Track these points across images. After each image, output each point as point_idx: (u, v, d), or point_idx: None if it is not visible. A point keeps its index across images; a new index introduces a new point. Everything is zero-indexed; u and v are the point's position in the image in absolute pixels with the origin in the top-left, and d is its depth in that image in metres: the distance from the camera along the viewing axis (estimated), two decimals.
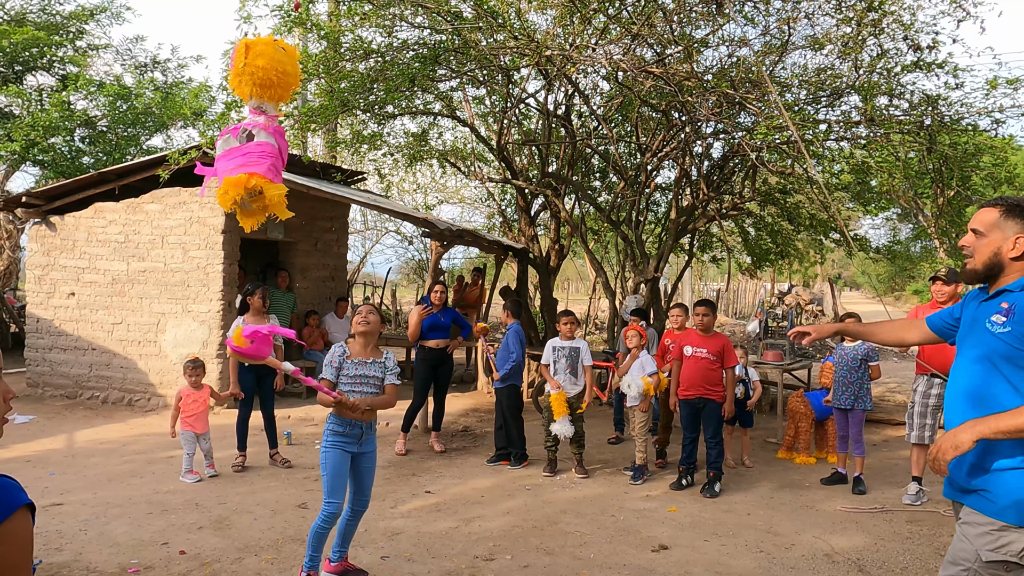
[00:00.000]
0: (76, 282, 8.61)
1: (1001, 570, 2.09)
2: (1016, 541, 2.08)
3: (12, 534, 1.21)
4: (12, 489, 1.26)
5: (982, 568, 2.11)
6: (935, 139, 7.28)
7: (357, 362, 3.74)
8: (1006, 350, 2.11)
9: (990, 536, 2.11)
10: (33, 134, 12.15)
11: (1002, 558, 2.08)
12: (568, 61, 6.50)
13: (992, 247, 2.20)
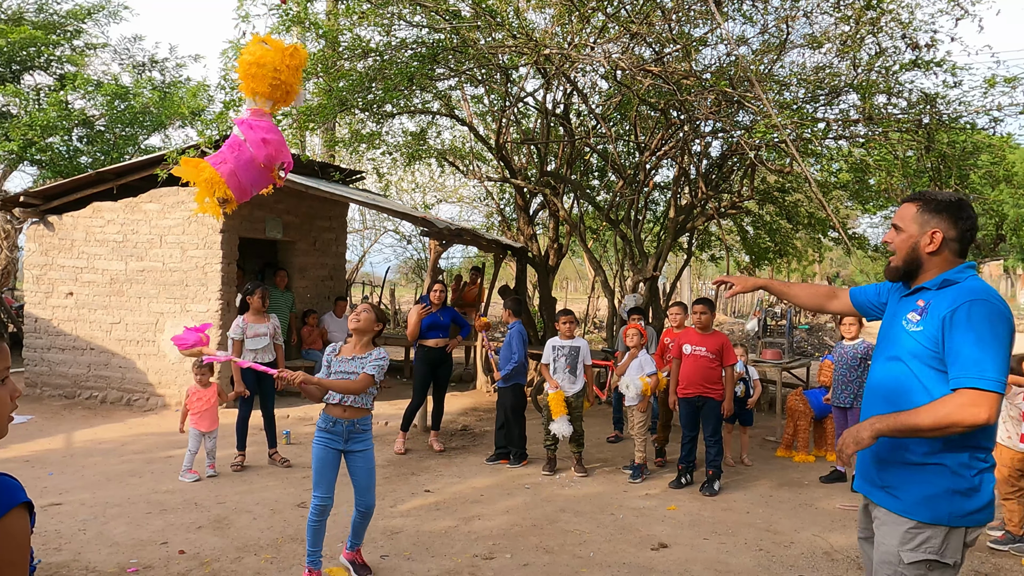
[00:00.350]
0: (74, 282, 8.60)
1: (924, 569, 2.07)
2: (933, 537, 2.06)
3: (8, 532, 1.21)
4: (10, 488, 1.26)
5: (906, 570, 2.08)
6: (933, 137, 7.29)
7: (342, 359, 3.77)
8: (918, 349, 2.09)
9: (907, 536, 2.09)
10: (31, 133, 12.13)
11: (923, 557, 2.06)
12: (567, 60, 6.50)
13: (911, 242, 2.17)
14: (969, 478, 2.05)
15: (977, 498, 2.05)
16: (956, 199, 2.14)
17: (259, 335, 5.88)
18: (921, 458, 2.08)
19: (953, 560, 2.05)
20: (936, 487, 2.05)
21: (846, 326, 5.79)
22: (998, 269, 27.83)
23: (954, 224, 2.12)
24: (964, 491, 2.04)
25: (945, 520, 2.04)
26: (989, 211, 17.82)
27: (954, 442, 2.03)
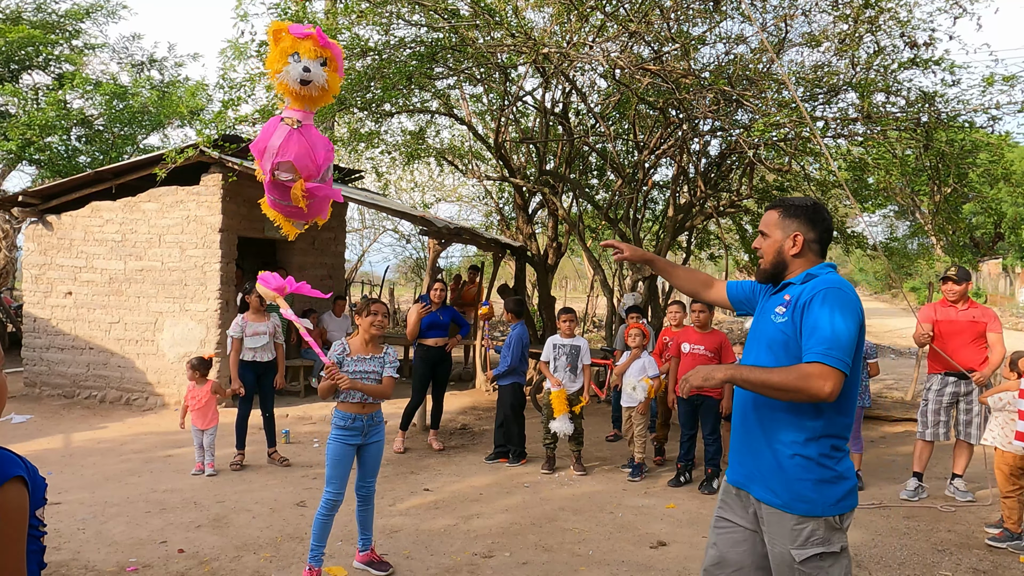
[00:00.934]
0: (73, 281, 8.59)
1: (818, 561, 2.13)
2: (817, 529, 2.13)
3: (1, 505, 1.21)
4: (3, 460, 1.26)
5: (803, 567, 2.13)
6: (932, 136, 7.30)
7: (357, 359, 3.80)
8: (783, 338, 2.20)
9: (793, 533, 2.15)
10: (29, 133, 12.12)
11: (813, 551, 2.12)
12: (565, 59, 6.51)
13: (776, 246, 2.29)
14: (832, 467, 2.15)
15: (843, 484, 2.16)
16: (812, 203, 2.30)
17: (258, 334, 5.88)
18: (789, 448, 2.17)
19: (840, 546, 2.15)
20: (806, 480, 2.14)
21: None
22: (996, 267, 27.86)
23: (812, 227, 2.27)
24: (830, 480, 2.14)
25: (819, 511, 2.13)
26: (987, 209, 17.82)
27: (815, 435, 2.14)
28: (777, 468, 2.18)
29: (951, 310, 5.26)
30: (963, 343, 5.17)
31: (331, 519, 3.73)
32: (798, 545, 2.13)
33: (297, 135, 2.91)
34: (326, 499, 3.71)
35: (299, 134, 2.91)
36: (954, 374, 5.20)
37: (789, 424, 2.17)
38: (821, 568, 2.12)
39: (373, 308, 3.89)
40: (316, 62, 2.85)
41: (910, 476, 5.41)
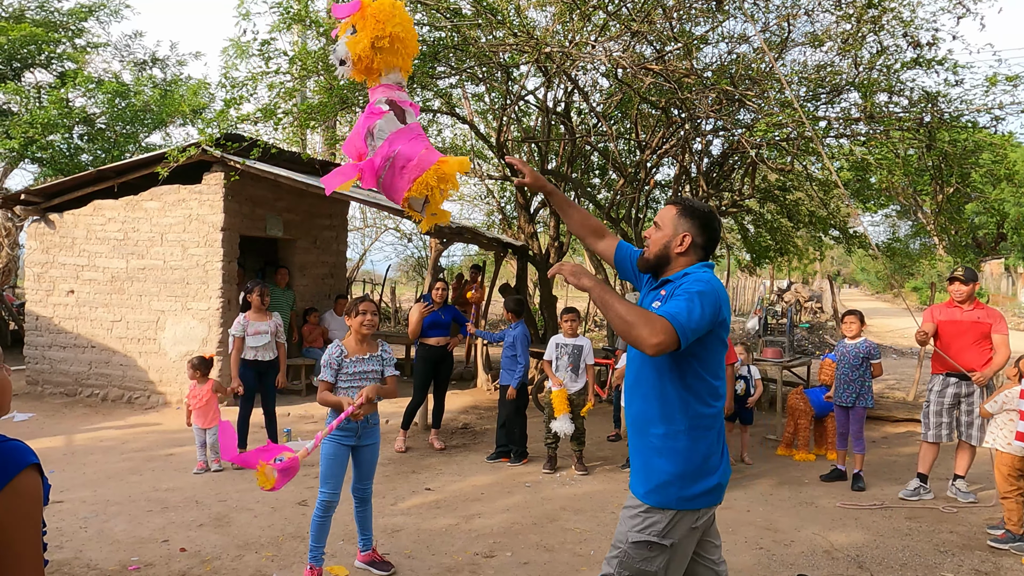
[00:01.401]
0: (75, 280, 8.60)
1: (645, 550, 2.24)
2: (659, 521, 2.24)
3: (19, 493, 1.28)
4: (18, 450, 1.32)
5: (630, 548, 2.26)
6: (934, 136, 7.28)
7: (355, 360, 3.78)
8: None
9: (638, 518, 2.27)
10: (32, 131, 12.13)
11: (646, 538, 2.24)
12: (568, 58, 6.50)
13: (664, 240, 2.38)
14: (697, 463, 2.25)
15: (704, 481, 2.25)
16: (709, 211, 2.41)
17: (260, 332, 5.88)
18: (659, 441, 2.27)
19: (671, 542, 2.24)
20: (667, 473, 2.24)
21: (847, 324, 5.78)
22: (999, 268, 27.80)
23: (702, 232, 2.36)
24: (692, 475, 2.24)
25: (674, 504, 2.23)
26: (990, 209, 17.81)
27: (685, 427, 2.25)
28: (646, 459, 2.30)
29: (956, 311, 5.25)
30: (967, 344, 5.16)
31: (328, 520, 3.72)
32: (637, 529, 2.25)
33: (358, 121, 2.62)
34: (321, 500, 3.70)
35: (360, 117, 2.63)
36: (955, 375, 5.19)
37: (658, 417, 2.27)
38: (646, 557, 2.23)
39: (361, 307, 3.82)
40: (343, 37, 2.56)
41: (913, 476, 5.40)
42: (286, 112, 7.20)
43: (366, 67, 2.55)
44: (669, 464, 2.24)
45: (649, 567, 2.23)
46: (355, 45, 2.51)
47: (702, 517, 2.27)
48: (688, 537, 2.27)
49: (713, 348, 2.28)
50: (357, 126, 2.59)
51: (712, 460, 2.28)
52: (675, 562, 2.26)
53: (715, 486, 2.28)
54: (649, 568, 2.23)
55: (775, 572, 3.95)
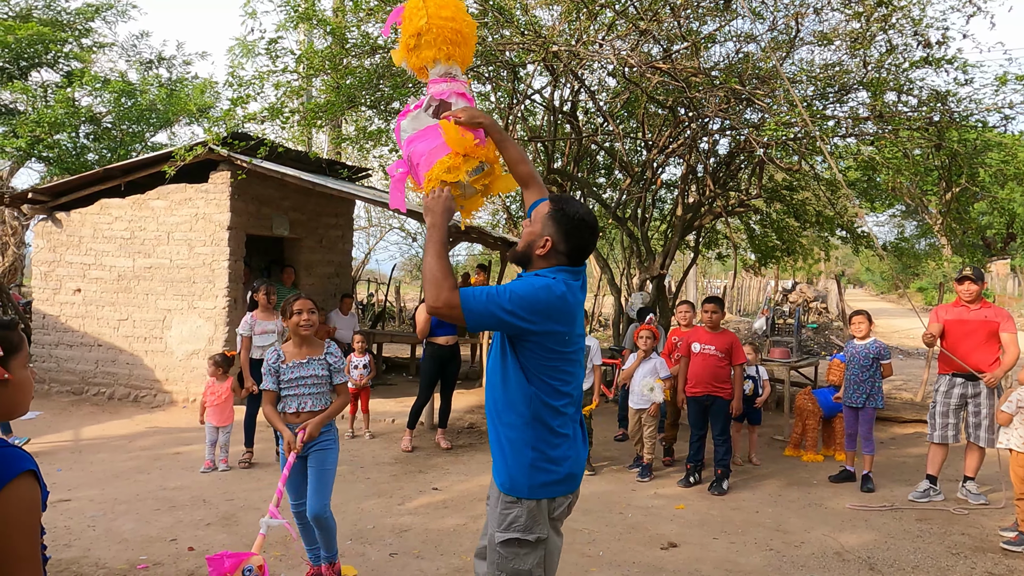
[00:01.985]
0: (82, 278, 8.62)
1: (515, 547, 2.22)
2: (520, 516, 2.22)
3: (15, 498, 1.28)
4: (15, 457, 1.32)
5: (501, 548, 2.24)
6: (944, 135, 7.24)
7: (293, 365, 3.46)
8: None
9: (502, 516, 2.25)
10: (38, 130, 12.16)
11: (510, 536, 2.22)
12: (575, 57, 6.47)
13: (530, 238, 2.30)
14: (545, 452, 2.22)
15: (556, 471, 2.23)
16: (579, 218, 2.25)
17: (267, 332, 5.88)
18: (508, 431, 2.25)
19: (536, 536, 2.22)
20: (519, 462, 2.23)
21: (856, 325, 5.75)
22: (1005, 268, 27.69)
23: (565, 240, 2.25)
24: (542, 464, 2.22)
25: (525, 493, 2.22)
26: (999, 209, 17.70)
27: (531, 418, 2.22)
28: (499, 448, 2.28)
29: (963, 310, 5.21)
30: (975, 344, 5.12)
31: (306, 526, 3.56)
32: (502, 529, 2.24)
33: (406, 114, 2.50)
34: (290, 509, 3.59)
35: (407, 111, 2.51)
36: (962, 375, 5.15)
37: (507, 407, 2.25)
38: (517, 555, 2.22)
39: (296, 306, 3.46)
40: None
41: (923, 478, 5.37)
42: (293, 111, 7.19)
43: (416, 69, 2.47)
44: (517, 453, 2.23)
45: (523, 565, 2.22)
46: (397, 56, 2.48)
47: (559, 507, 2.27)
48: (552, 528, 2.28)
49: (540, 357, 2.19)
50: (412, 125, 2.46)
51: (559, 451, 2.24)
52: (549, 556, 2.27)
53: (566, 476, 2.26)
54: (523, 566, 2.22)
55: (786, 574, 3.93)
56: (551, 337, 2.19)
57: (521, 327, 2.14)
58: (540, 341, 2.18)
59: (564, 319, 2.20)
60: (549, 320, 2.16)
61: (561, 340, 2.21)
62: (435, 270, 2.11)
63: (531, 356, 2.20)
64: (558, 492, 2.26)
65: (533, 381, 2.21)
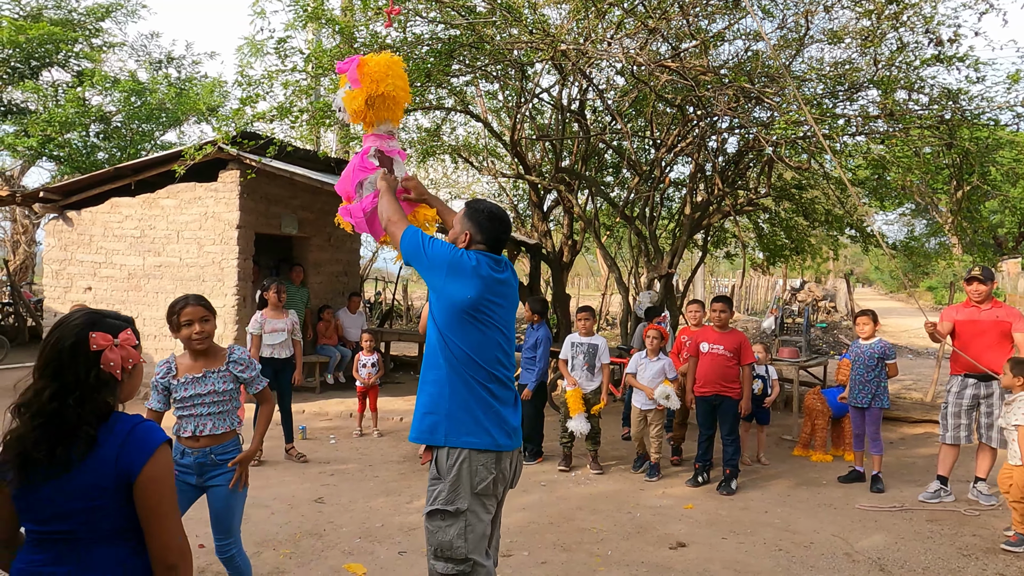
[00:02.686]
0: (93, 276, 8.68)
1: (438, 519, 2.43)
2: (442, 490, 2.43)
3: (159, 464, 1.61)
4: (155, 430, 1.66)
5: (426, 523, 2.46)
6: (955, 134, 7.19)
7: (186, 380, 2.92)
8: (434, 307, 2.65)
9: (428, 491, 2.48)
10: (49, 130, 12.25)
11: (433, 508, 2.44)
12: (583, 55, 6.46)
13: (453, 237, 2.68)
14: (462, 406, 2.46)
15: (474, 428, 2.46)
16: (488, 211, 2.66)
17: (277, 330, 5.90)
18: (429, 387, 2.54)
19: (456, 508, 2.42)
20: (436, 414, 2.49)
21: (860, 325, 5.71)
22: (1016, 267, 27.46)
23: (480, 231, 2.62)
24: (458, 418, 2.45)
25: (441, 440, 2.45)
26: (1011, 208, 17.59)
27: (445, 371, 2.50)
28: (417, 404, 2.57)
29: (974, 310, 5.18)
30: (987, 344, 5.09)
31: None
32: (428, 503, 2.46)
33: (349, 164, 2.98)
34: None
35: (352, 161, 2.99)
36: (975, 376, 5.12)
37: (427, 364, 2.58)
38: (440, 527, 2.43)
39: (185, 315, 2.87)
40: (341, 89, 2.90)
41: (933, 479, 5.34)
42: (302, 110, 7.21)
43: (362, 119, 2.89)
44: (435, 406, 2.49)
45: (445, 536, 2.41)
46: (351, 101, 2.83)
47: (481, 481, 2.43)
48: (474, 502, 2.44)
49: (463, 331, 2.50)
50: (348, 171, 2.93)
51: (483, 419, 2.47)
52: (473, 529, 2.43)
53: (488, 442, 2.45)
54: (446, 537, 2.41)
55: (795, 574, 3.91)
56: (473, 305, 2.48)
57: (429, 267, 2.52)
58: (463, 313, 2.49)
59: (487, 294, 2.51)
60: (476, 288, 2.48)
61: (483, 312, 2.50)
62: (395, 209, 2.69)
63: (456, 334, 2.50)
64: (478, 445, 2.46)
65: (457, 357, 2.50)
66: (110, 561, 1.58)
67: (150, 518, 1.59)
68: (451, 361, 2.48)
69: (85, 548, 1.57)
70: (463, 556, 2.39)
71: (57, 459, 1.54)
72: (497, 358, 2.54)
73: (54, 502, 1.55)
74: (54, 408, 1.56)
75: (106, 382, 1.63)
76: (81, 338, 1.61)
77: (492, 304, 2.53)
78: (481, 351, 2.49)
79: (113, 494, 1.57)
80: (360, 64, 2.81)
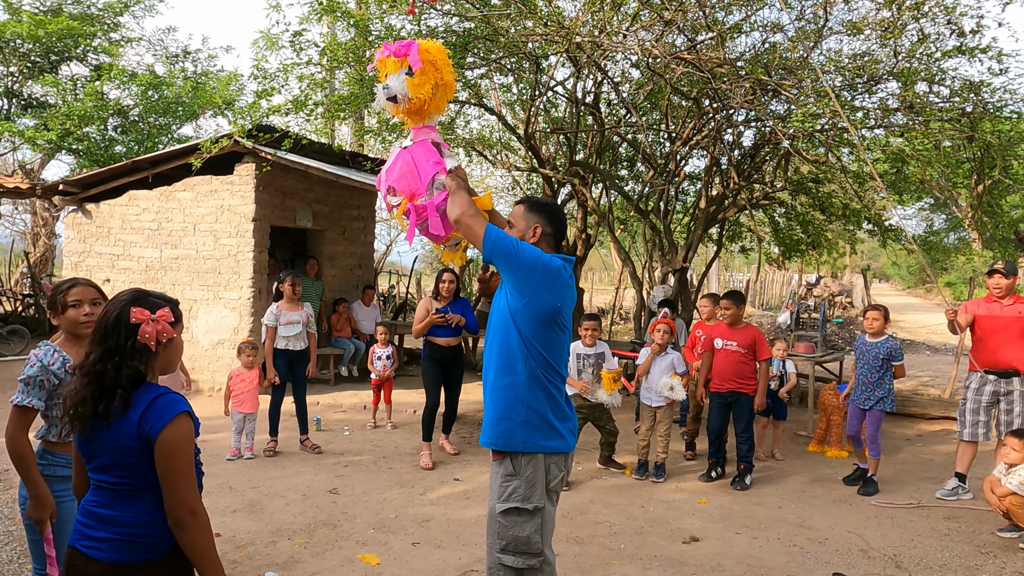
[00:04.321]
0: (111, 268, 8.78)
1: (515, 515, 2.49)
2: (519, 487, 2.49)
3: (176, 429, 1.83)
4: (176, 400, 1.86)
5: (501, 518, 2.51)
6: (976, 127, 7.07)
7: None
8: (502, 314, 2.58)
9: (502, 487, 2.51)
10: (68, 123, 12.38)
11: (510, 505, 2.48)
12: (598, 48, 6.42)
13: (520, 232, 2.65)
14: (539, 411, 2.50)
15: (550, 432, 2.52)
16: (551, 203, 2.74)
17: (292, 322, 5.94)
18: (503, 391, 2.53)
19: (534, 505, 2.48)
20: (512, 420, 2.50)
21: (870, 320, 5.42)
22: None
23: (550, 222, 2.66)
24: (536, 423, 2.50)
25: (519, 447, 2.49)
26: None
27: (525, 378, 2.50)
28: (489, 405, 2.57)
29: (995, 305, 5.10)
30: (1007, 340, 5.01)
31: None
32: (502, 499, 2.50)
33: (403, 155, 2.71)
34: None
35: (406, 153, 2.71)
36: (995, 372, 5.05)
37: (502, 367, 2.54)
38: (516, 523, 2.48)
39: (72, 295, 2.53)
40: (397, 75, 2.61)
41: (951, 476, 5.28)
42: (317, 104, 7.23)
43: (417, 109, 2.65)
44: (511, 412, 2.50)
45: (522, 532, 2.48)
46: (417, 88, 2.59)
47: (554, 479, 2.53)
48: (547, 499, 2.53)
49: (546, 337, 2.51)
50: (408, 166, 2.68)
51: (556, 423, 2.53)
52: (546, 524, 2.53)
53: (562, 445, 2.53)
54: (523, 533, 2.48)
55: (810, 571, 3.89)
56: (553, 308, 2.50)
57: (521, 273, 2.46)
58: (544, 314, 2.49)
59: (564, 294, 2.53)
60: (559, 291, 2.50)
61: (560, 315, 2.52)
62: (466, 201, 2.54)
63: (535, 335, 2.50)
64: (556, 448, 2.53)
65: (531, 354, 2.50)
66: (139, 511, 1.84)
67: (165, 478, 1.81)
68: (531, 366, 2.50)
69: (121, 497, 1.84)
70: (539, 550, 2.49)
71: (99, 415, 1.82)
72: (564, 360, 2.62)
73: (99, 454, 1.84)
74: (98, 370, 1.83)
75: (141, 351, 1.86)
76: (124, 311, 1.86)
77: (568, 308, 2.58)
78: (557, 354, 2.56)
79: (139, 453, 1.81)
80: (421, 49, 2.58)
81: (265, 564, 3.79)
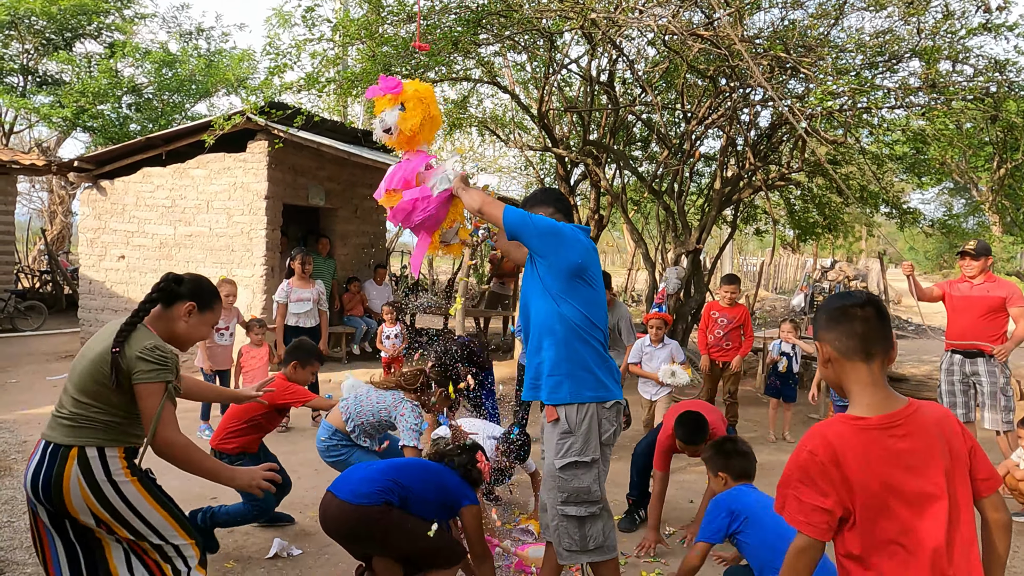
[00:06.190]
0: (126, 245, 8.84)
1: (573, 469, 2.66)
2: (575, 443, 2.64)
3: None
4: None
5: (560, 473, 2.67)
6: (1000, 107, 6.91)
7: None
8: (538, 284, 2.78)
9: (559, 445, 2.67)
10: (83, 100, 12.43)
11: (570, 460, 2.65)
12: (613, 24, 6.32)
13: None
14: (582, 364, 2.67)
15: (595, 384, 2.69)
16: (545, 188, 3.08)
17: (302, 299, 5.97)
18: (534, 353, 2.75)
19: (592, 457, 2.66)
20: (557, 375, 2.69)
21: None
22: None
23: (552, 205, 2.94)
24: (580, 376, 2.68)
25: (567, 398, 2.66)
26: None
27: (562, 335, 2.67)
28: (542, 364, 2.74)
29: (964, 285, 5.10)
30: (974, 317, 4.98)
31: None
32: (559, 455, 2.66)
33: (400, 165, 3.00)
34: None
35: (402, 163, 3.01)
36: (960, 351, 5.01)
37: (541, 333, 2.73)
38: (576, 475, 2.65)
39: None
40: (391, 110, 2.91)
41: None
42: (329, 80, 7.19)
43: (408, 139, 2.95)
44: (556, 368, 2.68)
45: (582, 483, 2.65)
46: (406, 122, 2.91)
47: (605, 432, 2.69)
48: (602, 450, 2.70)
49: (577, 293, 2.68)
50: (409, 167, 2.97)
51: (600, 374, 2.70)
52: (601, 473, 2.71)
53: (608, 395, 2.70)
54: (583, 484, 2.65)
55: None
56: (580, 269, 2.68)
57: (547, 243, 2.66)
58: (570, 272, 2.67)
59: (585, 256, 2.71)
60: (579, 252, 2.69)
61: (587, 273, 2.70)
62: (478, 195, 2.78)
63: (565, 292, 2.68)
64: (603, 397, 2.70)
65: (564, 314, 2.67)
66: None
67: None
68: (567, 324, 2.66)
69: None
70: (598, 498, 2.68)
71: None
72: (602, 316, 2.75)
73: None
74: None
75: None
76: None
77: (593, 265, 2.75)
78: (593, 309, 2.71)
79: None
80: (404, 87, 2.92)
81: (275, 534, 3.84)
